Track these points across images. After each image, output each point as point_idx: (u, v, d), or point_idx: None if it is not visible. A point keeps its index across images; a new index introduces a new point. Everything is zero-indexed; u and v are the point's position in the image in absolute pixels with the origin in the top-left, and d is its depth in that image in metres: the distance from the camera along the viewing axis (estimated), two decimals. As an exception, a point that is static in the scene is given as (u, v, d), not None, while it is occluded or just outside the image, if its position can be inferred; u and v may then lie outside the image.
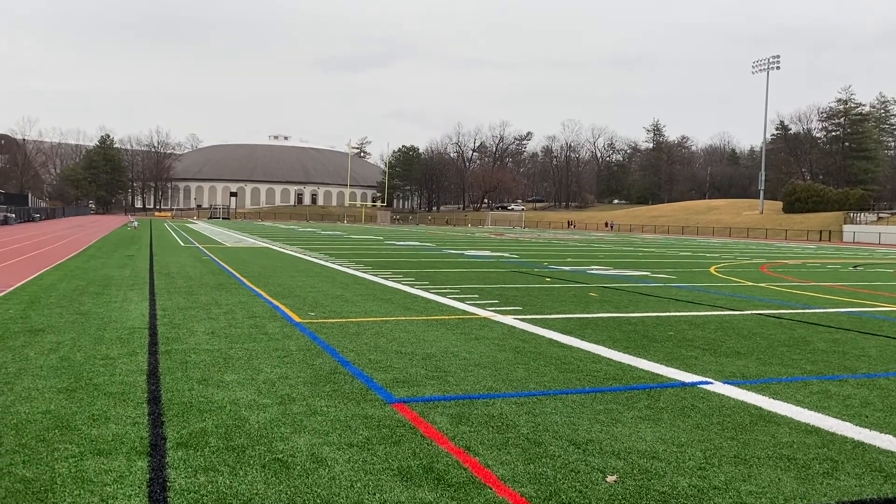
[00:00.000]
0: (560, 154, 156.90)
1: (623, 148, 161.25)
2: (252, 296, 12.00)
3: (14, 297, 11.14)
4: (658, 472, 4.20)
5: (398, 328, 8.97)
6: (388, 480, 3.95)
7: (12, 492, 3.66)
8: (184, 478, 3.91)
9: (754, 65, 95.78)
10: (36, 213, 66.41)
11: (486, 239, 46.64)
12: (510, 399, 5.71)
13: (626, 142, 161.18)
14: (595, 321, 10.00)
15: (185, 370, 6.41)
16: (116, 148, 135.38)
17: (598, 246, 39.31)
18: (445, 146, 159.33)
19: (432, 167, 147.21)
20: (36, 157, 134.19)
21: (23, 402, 5.26)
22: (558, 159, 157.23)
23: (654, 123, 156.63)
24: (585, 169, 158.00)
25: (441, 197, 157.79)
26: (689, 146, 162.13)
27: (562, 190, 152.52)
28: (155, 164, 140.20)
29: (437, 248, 30.95)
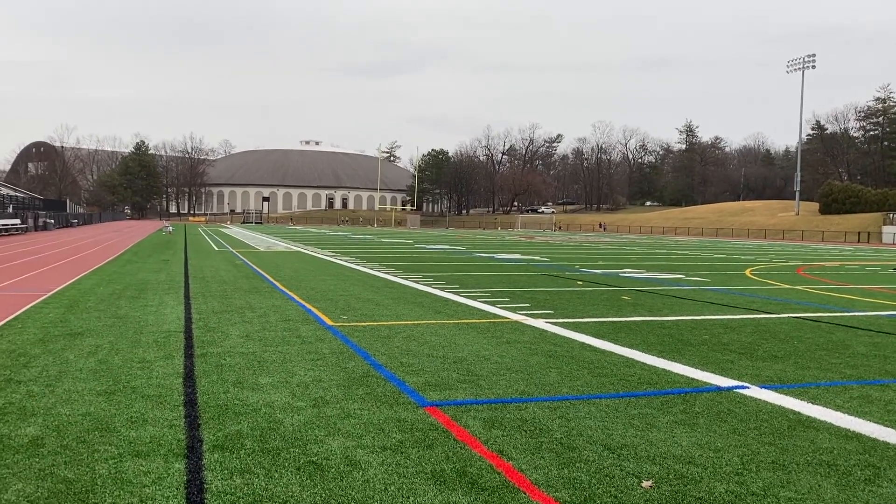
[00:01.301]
0: (591, 156, 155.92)
1: (655, 149, 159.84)
2: (285, 299, 12.11)
3: (54, 300, 11.38)
4: (694, 478, 4.15)
5: (429, 332, 8.98)
6: (422, 484, 3.96)
7: (54, 492, 3.74)
8: (220, 480, 3.95)
9: (789, 64, 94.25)
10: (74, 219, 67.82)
11: (516, 242, 46.52)
12: (543, 403, 5.68)
13: (658, 143, 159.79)
14: (628, 325, 9.92)
15: (221, 373, 6.50)
16: (151, 154, 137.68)
17: (629, 249, 38.96)
18: (475, 149, 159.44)
19: (462, 170, 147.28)
20: (74, 164, 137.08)
21: (64, 404, 5.37)
22: (589, 161, 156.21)
23: (687, 124, 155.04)
24: (617, 171, 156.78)
25: (470, 200, 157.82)
26: (722, 147, 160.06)
27: (593, 192, 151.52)
28: (189, 169, 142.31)
29: (466, 252, 30.95)
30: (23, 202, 58.54)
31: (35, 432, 4.68)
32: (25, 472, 3.99)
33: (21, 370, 6.44)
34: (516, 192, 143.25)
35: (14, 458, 4.20)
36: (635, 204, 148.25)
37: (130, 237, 40.71)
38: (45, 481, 3.88)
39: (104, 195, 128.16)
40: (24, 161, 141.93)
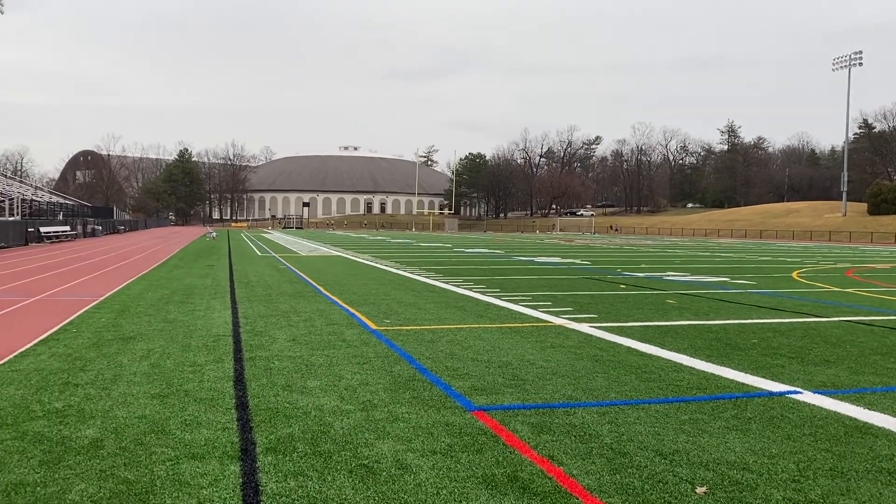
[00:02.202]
0: (631, 157, 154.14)
1: (696, 150, 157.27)
2: (329, 303, 12.24)
3: (105, 305, 11.67)
4: (750, 484, 4.08)
5: (472, 336, 8.99)
6: (474, 488, 3.97)
7: (116, 492, 3.84)
8: (275, 482, 4.02)
9: (835, 62, 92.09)
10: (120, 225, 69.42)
11: (555, 245, 46.26)
12: (591, 408, 5.64)
13: (700, 144, 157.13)
14: (674, 329, 9.79)
15: (270, 376, 6.59)
16: (194, 161, 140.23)
17: (672, 251, 38.46)
18: (512, 152, 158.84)
19: (499, 174, 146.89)
20: (119, 172, 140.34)
21: (120, 406, 5.51)
22: (629, 163, 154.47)
23: (729, 124, 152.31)
24: (657, 172, 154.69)
25: (508, 203, 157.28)
26: (765, 147, 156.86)
27: (633, 194, 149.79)
28: (231, 175, 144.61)
29: (506, 255, 30.88)
30: (72, 209, 60.13)
31: (94, 434, 4.81)
32: (87, 473, 4.10)
33: (78, 373, 6.62)
34: (554, 195, 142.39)
35: (76, 459, 4.32)
36: (676, 206, 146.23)
37: (175, 243, 41.53)
38: (106, 482, 3.98)
39: (149, 202, 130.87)
40: (73, 169, 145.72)
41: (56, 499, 3.75)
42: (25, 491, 3.84)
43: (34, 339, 8.42)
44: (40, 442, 4.63)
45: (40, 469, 4.16)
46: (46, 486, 3.90)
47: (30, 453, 4.42)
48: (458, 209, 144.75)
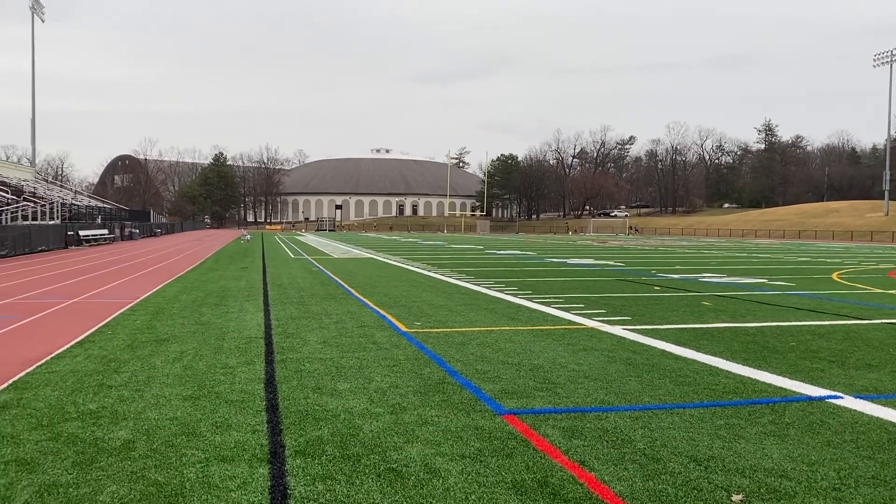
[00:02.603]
0: (665, 157, 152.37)
1: (732, 149, 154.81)
2: (360, 305, 12.26)
3: (141, 308, 11.84)
4: (788, 492, 3.96)
5: (503, 338, 8.92)
6: (503, 494, 3.91)
7: (146, 494, 3.86)
8: (303, 486, 4.00)
9: (876, 57, 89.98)
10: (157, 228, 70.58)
11: (588, 247, 45.89)
12: (624, 413, 5.54)
13: (736, 143, 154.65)
14: (710, 331, 9.61)
15: (300, 379, 6.60)
16: (229, 165, 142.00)
17: (708, 252, 37.90)
18: (544, 153, 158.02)
19: (531, 175, 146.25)
20: (156, 176, 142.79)
21: (152, 408, 5.56)
22: (663, 163, 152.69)
23: (766, 123, 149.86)
24: (693, 172, 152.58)
25: (541, 205, 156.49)
26: (803, 146, 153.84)
27: (668, 194, 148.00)
28: (265, 179, 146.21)
29: (538, 257, 30.70)
30: (110, 213, 61.31)
31: (126, 436, 4.85)
32: (119, 475, 4.13)
33: (112, 375, 6.70)
34: (588, 196, 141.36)
35: (108, 461, 4.36)
36: (712, 206, 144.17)
37: (210, 246, 42.09)
38: (137, 484, 4.01)
39: (185, 205, 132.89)
40: (111, 174, 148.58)
41: (88, 500, 3.78)
42: (58, 492, 3.88)
43: (71, 341, 8.56)
44: (74, 443, 4.69)
45: (73, 470, 4.20)
46: (79, 488, 3.94)
47: (63, 454, 4.47)
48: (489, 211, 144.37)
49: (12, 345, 8.37)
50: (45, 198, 46.17)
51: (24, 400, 5.77)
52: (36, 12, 62.17)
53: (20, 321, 10.24)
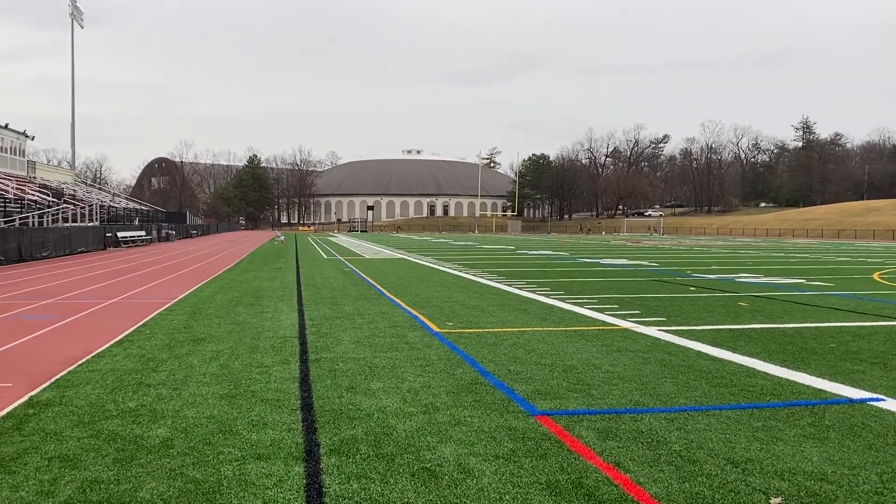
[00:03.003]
0: (700, 156, 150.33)
1: (769, 148, 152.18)
2: (392, 306, 12.31)
3: (178, 308, 12.03)
4: (828, 496, 3.89)
5: (536, 339, 8.89)
6: (537, 494, 3.90)
7: (185, 491, 3.92)
8: (338, 484, 4.03)
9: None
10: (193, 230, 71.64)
11: (622, 247, 45.49)
12: (659, 414, 5.49)
13: (773, 141, 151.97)
14: (747, 332, 9.47)
15: (334, 378, 6.66)
16: (263, 167, 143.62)
17: (744, 252, 37.33)
18: (577, 153, 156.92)
19: (563, 174, 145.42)
20: (192, 178, 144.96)
21: (190, 406, 5.65)
22: (698, 162, 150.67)
23: (803, 121, 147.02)
24: (728, 171, 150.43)
25: (573, 205, 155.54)
26: (843, 143, 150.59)
27: (703, 194, 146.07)
28: (298, 180, 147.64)
29: (570, 258, 30.53)
30: (147, 215, 62.42)
31: (165, 433, 4.94)
32: (158, 472, 4.21)
33: (151, 374, 6.82)
34: (621, 196, 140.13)
35: (147, 458, 4.44)
36: (748, 205, 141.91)
37: (245, 247, 42.61)
38: (175, 481, 4.07)
39: (220, 207, 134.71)
40: (148, 176, 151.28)
41: (128, 496, 3.85)
42: (100, 488, 3.97)
43: (110, 340, 8.73)
44: (114, 440, 4.78)
45: (114, 467, 4.29)
46: (119, 484, 4.02)
47: (104, 451, 4.57)
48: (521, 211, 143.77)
49: (54, 344, 8.57)
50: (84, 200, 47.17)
51: (66, 398, 5.90)
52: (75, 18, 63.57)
53: (62, 321, 10.48)
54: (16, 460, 4.40)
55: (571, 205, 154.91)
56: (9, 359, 7.61)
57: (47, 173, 60.86)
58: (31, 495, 3.86)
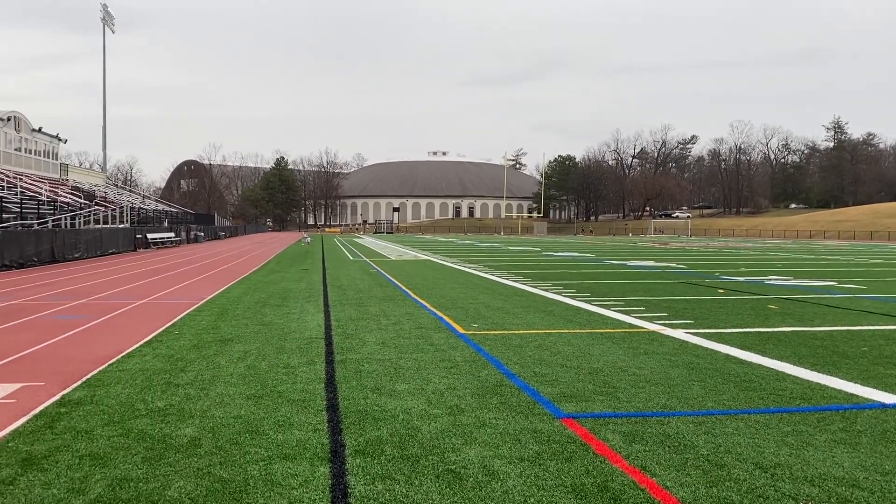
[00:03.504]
0: (729, 157, 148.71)
1: (800, 148, 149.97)
2: (417, 307, 12.33)
3: (206, 308, 12.17)
4: (860, 502, 3.82)
5: (561, 341, 8.84)
6: (562, 498, 3.88)
7: (212, 490, 3.96)
8: (363, 485, 4.05)
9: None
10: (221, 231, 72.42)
11: (649, 248, 45.12)
12: (686, 418, 5.43)
13: (803, 142, 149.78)
14: (776, 335, 9.33)
15: (360, 379, 6.68)
16: (290, 169, 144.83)
17: (774, 254, 36.82)
18: (603, 154, 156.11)
19: (590, 175, 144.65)
20: (220, 180, 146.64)
21: (217, 406, 5.71)
22: (727, 162, 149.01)
23: (835, 120, 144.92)
24: (757, 172, 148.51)
25: (599, 206, 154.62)
26: (875, 144, 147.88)
27: (731, 195, 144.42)
28: (325, 182, 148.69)
29: (597, 259, 30.34)
30: (176, 216, 63.19)
31: (193, 433, 4.99)
32: (186, 471, 4.26)
33: (179, 374, 6.91)
34: (648, 197, 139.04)
35: (175, 457, 4.49)
36: (778, 206, 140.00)
37: (272, 248, 42.97)
38: (203, 480, 4.12)
39: (248, 208, 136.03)
40: (177, 178, 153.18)
41: (157, 495, 3.90)
42: (129, 486, 4.02)
43: (140, 340, 8.86)
44: (143, 439, 4.85)
45: (143, 465, 4.35)
46: (148, 482, 4.07)
47: (134, 450, 4.63)
48: (547, 212, 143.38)
49: (86, 343, 8.71)
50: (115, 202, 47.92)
51: (96, 397, 6.00)
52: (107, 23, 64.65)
53: (93, 321, 10.65)
54: (48, 458, 4.48)
55: (598, 206, 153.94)
56: (42, 358, 7.75)
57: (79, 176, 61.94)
58: (62, 492, 3.93)
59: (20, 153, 48.24)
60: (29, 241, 23.83)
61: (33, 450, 4.63)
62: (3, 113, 45.44)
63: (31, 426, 5.15)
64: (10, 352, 8.05)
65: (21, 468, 4.30)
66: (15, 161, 47.05)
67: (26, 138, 49.14)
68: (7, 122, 45.98)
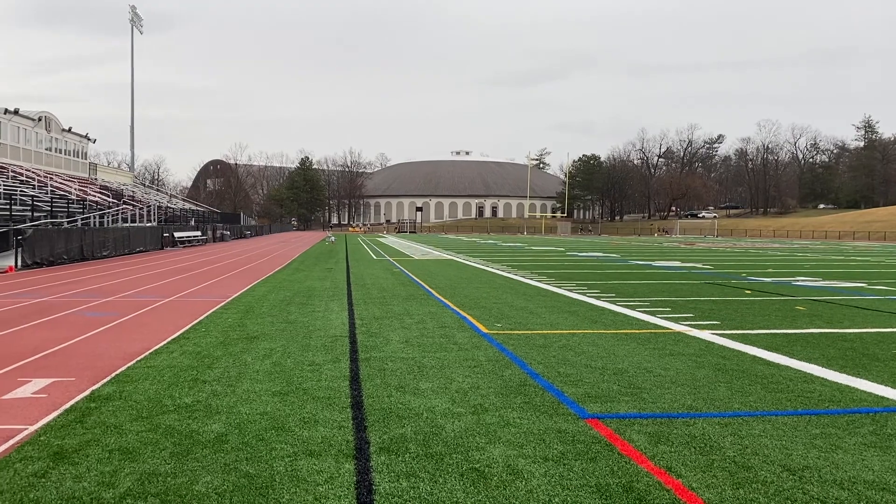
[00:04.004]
0: (756, 157, 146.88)
1: (828, 148, 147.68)
2: (440, 306, 12.35)
3: (232, 306, 12.29)
4: (891, 508, 3.76)
5: (586, 341, 8.80)
6: (587, 498, 3.86)
7: (238, 486, 4.01)
8: (388, 482, 4.07)
9: None
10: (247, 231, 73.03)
11: (675, 249, 44.73)
12: (713, 419, 5.38)
13: (832, 141, 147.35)
14: (804, 337, 9.21)
15: (384, 377, 6.71)
16: (315, 169, 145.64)
17: (802, 255, 36.32)
18: (628, 153, 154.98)
19: (614, 175, 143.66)
20: (246, 180, 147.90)
21: (243, 403, 5.77)
22: (754, 162, 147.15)
23: (865, 120, 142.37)
24: (785, 172, 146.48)
25: (624, 206, 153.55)
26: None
27: (759, 195, 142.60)
28: (348, 182, 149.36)
29: (622, 259, 30.15)
30: (203, 216, 63.84)
31: (219, 429, 5.05)
32: (213, 466, 4.31)
33: (206, 371, 6.99)
34: (674, 197, 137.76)
35: (202, 453, 4.55)
36: (806, 207, 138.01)
37: (297, 247, 43.26)
38: (229, 475, 4.17)
39: (273, 208, 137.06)
40: (204, 178, 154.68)
41: (184, 489, 3.95)
42: (157, 480, 4.08)
43: (167, 337, 8.97)
44: (171, 435, 4.92)
45: (171, 460, 4.41)
46: (176, 477, 4.13)
47: (162, 445, 4.70)
48: (570, 212, 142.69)
49: (114, 340, 8.84)
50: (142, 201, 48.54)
51: (125, 392, 6.09)
52: (135, 25, 65.52)
53: (122, 318, 10.81)
54: (78, 452, 4.56)
55: (622, 206, 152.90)
56: (72, 354, 7.88)
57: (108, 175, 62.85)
58: (92, 486, 4.00)
59: (51, 153, 49.08)
60: (59, 240, 24.23)
61: (64, 444, 4.71)
62: (34, 114, 46.26)
63: (62, 420, 5.25)
64: (42, 348, 8.20)
65: (53, 461, 4.38)
66: (46, 160, 47.88)
67: (56, 138, 49.98)
68: (38, 122, 46.80)
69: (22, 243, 21.44)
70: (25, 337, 9.00)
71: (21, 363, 7.33)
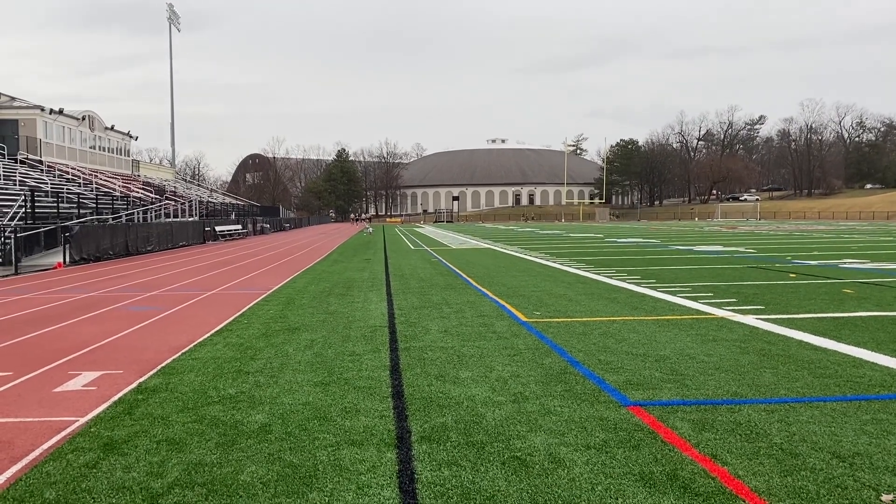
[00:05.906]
0: (799, 137, 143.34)
1: (875, 126, 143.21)
2: (479, 295, 12.33)
3: (273, 298, 12.45)
4: (947, 495, 3.64)
5: (626, 328, 8.71)
6: (631, 486, 3.83)
7: (283, 475, 4.06)
8: (429, 471, 4.08)
9: None
10: (286, 223, 73.89)
11: (716, 233, 43.98)
12: (758, 406, 5.28)
13: (880, 119, 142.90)
14: (853, 321, 8.98)
15: (424, 366, 6.73)
16: (351, 161, 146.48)
17: (849, 237, 35.41)
18: (667, 137, 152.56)
19: (653, 160, 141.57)
20: (284, 173, 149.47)
21: (286, 394, 5.84)
22: (797, 143, 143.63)
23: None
24: (830, 152, 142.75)
25: (664, 190, 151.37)
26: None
27: (802, 176, 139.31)
28: (385, 173, 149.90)
29: (662, 245, 29.75)
30: (243, 209, 64.74)
31: (263, 419, 5.12)
32: (257, 456, 4.37)
33: (249, 362, 7.09)
34: (714, 180, 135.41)
35: (247, 443, 4.62)
36: (853, 187, 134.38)
37: (335, 239, 43.62)
38: (273, 465, 4.22)
39: (311, 200, 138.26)
40: (243, 172, 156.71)
41: (230, 479, 4.02)
42: (204, 470, 4.16)
43: (211, 329, 9.13)
44: (216, 426, 5.00)
45: (216, 451, 4.48)
46: (222, 467, 4.20)
47: (207, 436, 4.78)
48: (609, 198, 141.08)
49: (160, 333, 9.02)
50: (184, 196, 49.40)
51: (171, 384, 6.21)
52: (173, 22, 66.49)
53: (166, 311, 11.02)
54: (127, 443, 4.66)
55: (662, 191, 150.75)
56: (119, 347, 8.07)
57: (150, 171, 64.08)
58: (141, 476, 4.09)
59: (95, 151, 50.18)
60: (104, 236, 24.80)
61: (114, 435, 4.83)
62: (78, 113, 47.32)
63: (111, 412, 5.38)
64: (91, 342, 8.41)
65: (103, 452, 4.49)
66: (90, 158, 48.98)
67: (100, 136, 51.07)
68: (82, 121, 47.87)
69: (69, 240, 21.99)
70: (74, 331, 9.24)
71: (71, 357, 7.53)
